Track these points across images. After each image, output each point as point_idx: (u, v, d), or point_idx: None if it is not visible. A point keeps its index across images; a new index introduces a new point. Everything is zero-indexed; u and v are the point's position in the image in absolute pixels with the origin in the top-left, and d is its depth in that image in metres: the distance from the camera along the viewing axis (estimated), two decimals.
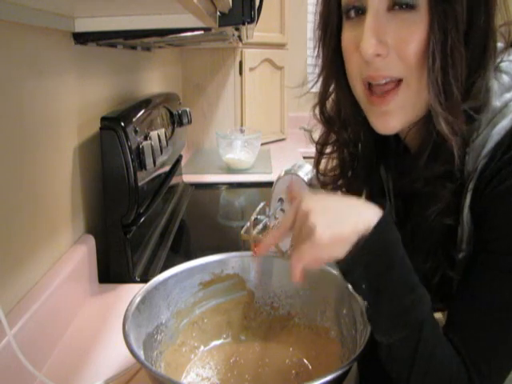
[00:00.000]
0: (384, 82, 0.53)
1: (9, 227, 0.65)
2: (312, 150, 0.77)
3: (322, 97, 0.66)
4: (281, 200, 0.79)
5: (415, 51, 0.50)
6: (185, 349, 0.68)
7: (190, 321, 0.69)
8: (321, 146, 0.71)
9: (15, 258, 0.67)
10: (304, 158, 1.95)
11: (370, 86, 0.55)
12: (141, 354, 0.55)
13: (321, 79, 0.65)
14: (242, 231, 0.73)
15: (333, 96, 0.66)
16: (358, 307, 0.60)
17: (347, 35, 0.56)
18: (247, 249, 0.80)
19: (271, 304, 0.73)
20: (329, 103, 0.67)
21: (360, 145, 0.68)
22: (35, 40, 0.73)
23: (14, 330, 0.60)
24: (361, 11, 0.54)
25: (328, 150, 0.71)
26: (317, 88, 0.68)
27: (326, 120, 0.68)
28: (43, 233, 0.75)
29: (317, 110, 0.68)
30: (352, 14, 0.55)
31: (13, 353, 0.55)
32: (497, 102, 0.52)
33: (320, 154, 0.72)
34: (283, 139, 2.41)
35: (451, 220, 0.55)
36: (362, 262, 0.49)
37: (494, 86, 0.53)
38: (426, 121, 0.55)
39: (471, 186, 0.52)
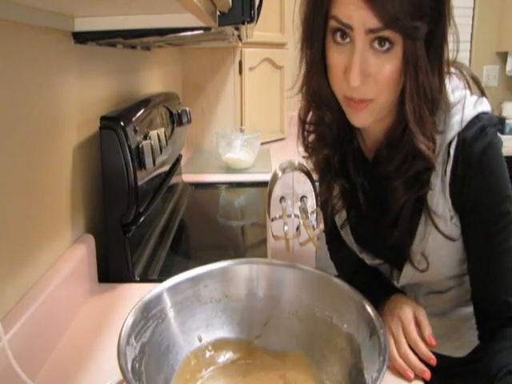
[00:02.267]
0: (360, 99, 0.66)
1: (8, 227, 0.65)
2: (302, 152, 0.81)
3: (308, 80, 0.75)
4: (282, 199, 0.80)
5: (388, 80, 0.63)
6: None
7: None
8: (303, 122, 0.80)
9: (15, 258, 0.66)
10: (304, 157, 1.95)
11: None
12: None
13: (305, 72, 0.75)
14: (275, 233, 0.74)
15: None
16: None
17: (335, 57, 0.66)
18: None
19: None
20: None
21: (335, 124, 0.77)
22: (35, 39, 0.73)
23: (12, 331, 0.60)
24: (345, 36, 0.64)
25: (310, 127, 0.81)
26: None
27: (312, 98, 0.76)
28: (43, 232, 0.75)
29: (304, 90, 0.77)
30: (338, 38, 0.64)
31: (6, 358, 0.54)
32: (451, 99, 0.68)
33: (303, 129, 0.81)
34: (283, 139, 2.41)
35: (420, 193, 0.70)
36: None
37: (448, 86, 0.69)
38: (395, 121, 0.70)
39: (449, 168, 0.67)
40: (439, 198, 0.70)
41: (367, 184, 0.78)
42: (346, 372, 0.62)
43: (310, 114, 0.79)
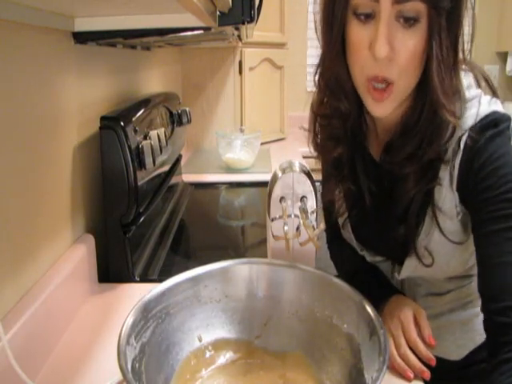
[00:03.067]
0: (382, 86, 0.65)
1: (8, 227, 0.65)
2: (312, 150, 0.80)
3: (325, 66, 0.74)
4: (282, 199, 0.80)
5: (412, 56, 0.63)
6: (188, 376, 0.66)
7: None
8: (316, 114, 0.79)
9: (15, 258, 0.66)
10: (304, 157, 1.95)
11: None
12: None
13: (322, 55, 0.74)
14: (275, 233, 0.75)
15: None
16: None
17: (358, 34, 0.64)
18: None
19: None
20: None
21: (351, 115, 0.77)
22: (35, 39, 0.73)
23: (12, 331, 0.60)
24: (368, 15, 0.63)
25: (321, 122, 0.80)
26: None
27: (327, 86, 0.75)
28: (43, 232, 0.75)
29: (319, 78, 0.76)
30: (362, 16, 0.64)
31: (6, 358, 0.55)
32: (467, 94, 0.69)
33: (315, 123, 0.80)
34: (283, 139, 2.41)
35: (430, 186, 0.69)
36: None
37: (463, 82, 0.70)
38: (413, 109, 0.70)
39: (458, 160, 0.67)
40: (447, 194, 0.69)
41: (374, 185, 0.78)
42: (346, 372, 0.62)
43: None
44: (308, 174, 0.80)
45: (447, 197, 0.70)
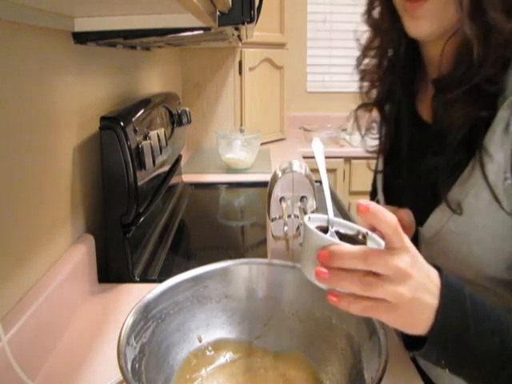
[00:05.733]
0: None
1: (8, 227, 0.65)
2: (310, 150, 0.81)
3: (370, 4, 0.78)
4: (282, 199, 0.80)
5: None
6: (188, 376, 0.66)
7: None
8: (364, 48, 0.82)
9: (14, 258, 0.66)
10: (304, 157, 1.95)
11: None
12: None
13: None
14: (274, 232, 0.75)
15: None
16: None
17: None
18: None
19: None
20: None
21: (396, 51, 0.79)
22: (34, 40, 0.73)
23: (12, 331, 0.60)
24: None
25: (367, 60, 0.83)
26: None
27: (373, 23, 0.79)
28: (42, 232, 0.75)
29: (365, 16, 0.79)
30: None
31: (6, 358, 0.55)
32: None
33: (363, 55, 0.83)
34: (283, 139, 2.41)
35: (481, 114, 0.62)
36: (435, 350, 0.52)
37: None
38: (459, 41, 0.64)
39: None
40: (496, 152, 0.60)
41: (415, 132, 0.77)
42: (346, 372, 0.62)
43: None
44: (307, 175, 0.80)
45: (496, 155, 0.60)
